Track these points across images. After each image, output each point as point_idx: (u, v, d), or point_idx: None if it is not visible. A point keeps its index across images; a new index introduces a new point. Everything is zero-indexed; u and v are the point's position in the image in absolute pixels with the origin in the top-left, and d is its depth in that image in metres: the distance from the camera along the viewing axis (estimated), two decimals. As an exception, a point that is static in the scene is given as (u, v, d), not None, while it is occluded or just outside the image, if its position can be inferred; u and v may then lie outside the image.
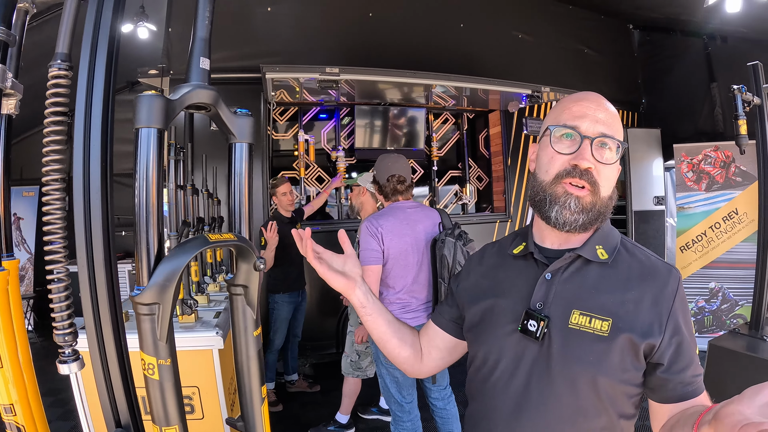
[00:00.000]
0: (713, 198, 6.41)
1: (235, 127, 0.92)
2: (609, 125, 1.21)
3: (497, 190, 7.06)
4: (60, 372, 0.92)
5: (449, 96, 6.05)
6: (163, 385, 0.83)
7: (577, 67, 7.32)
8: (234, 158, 0.95)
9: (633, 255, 1.27)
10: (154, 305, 0.79)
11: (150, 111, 0.77)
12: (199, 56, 0.90)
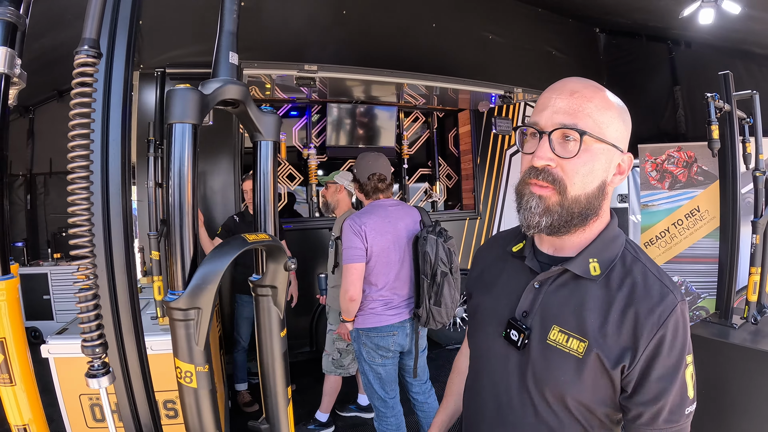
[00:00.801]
0: (676, 196, 6.61)
1: (262, 124, 0.92)
2: (571, 113, 1.09)
3: (466, 188, 7.16)
4: (89, 386, 0.90)
5: (420, 95, 6.10)
6: (200, 393, 0.83)
7: (544, 68, 7.42)
8: (260, 156, 0.94)
9: (630, 272, 1.15)
10: (192, 310, 0.78)
11: (185, 106, 0.75)
12: (227, 51, 0.89)
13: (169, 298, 0.78)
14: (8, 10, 0.83)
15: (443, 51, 6.42)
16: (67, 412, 2.75)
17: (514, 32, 7.16)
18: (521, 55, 7.19)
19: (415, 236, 3.20)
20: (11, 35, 0.85)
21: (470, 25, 6.79)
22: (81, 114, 0.82)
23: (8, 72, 0.83)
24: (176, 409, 2.76)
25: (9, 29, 0.84)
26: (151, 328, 2.96)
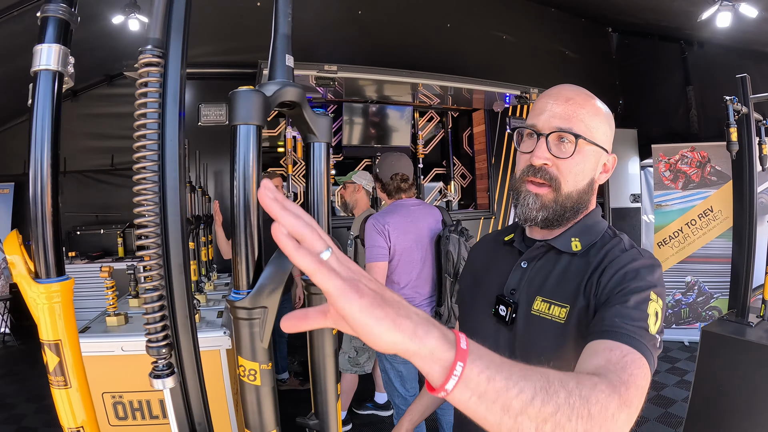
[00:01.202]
0: (689, 196, 6.60)
1: (316, 126, 0.92)
2: (567, 118, 1.21)
3: (481, 188, 7.16)
4: (153, 387, 0.90)
5: (434, 95, 6.11)
6: (264, 390, 0.83)
7: (557, 68, 7.43)
8: (314, 157, 0.95)
9: (608, 246, 1.23)
10: (259, 309, 0.78)
11: (248, 107, 0.76)
12: (284, 53, 0.89)
13: (234, 297, 0.79)
14: (60, 7, 0.83)
15: (457, 51, 6.43)
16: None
17: (527, 32, 7.18)
18: (534, 55, 7.19)
19: (437, 235, 3.22)
20: (64, 32, 0.85)
21: (484, 25, 6.81)
22: (146, 114, 0.82)
23: (62, 70, 0.83)
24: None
25: (62, 26, 0.84)
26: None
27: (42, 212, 0.79)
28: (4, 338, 7.05)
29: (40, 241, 0.79)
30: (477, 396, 0.63)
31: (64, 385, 0.83)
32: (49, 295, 0.80)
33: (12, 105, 7.34)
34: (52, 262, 0.80)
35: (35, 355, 6.53)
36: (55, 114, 0.80)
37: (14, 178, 7.87)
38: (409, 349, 0.62)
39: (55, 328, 0.81)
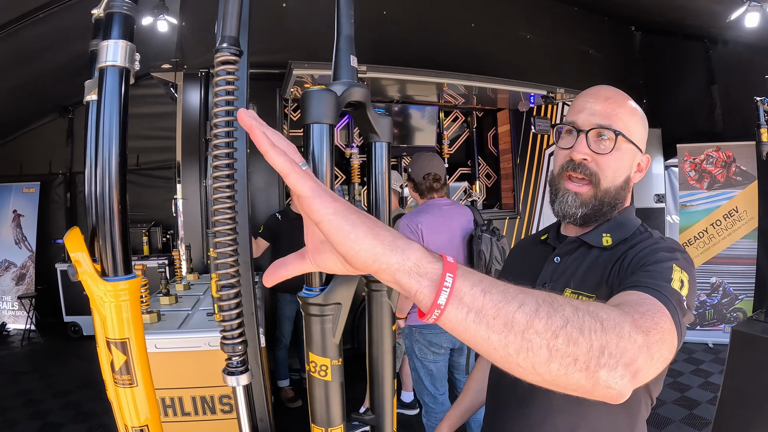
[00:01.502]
0: (714, 196, 6.55)
1: (378, 126, 0.92)
2: (606, 116, 1.25)
3: (506, 188, 7.11)
4: (226, 383, 0.90)
5: (459, 94, 6.08)
6: (333, 385, 0.83)
7: (581, 67, 7.36)
8: (375, 157, 0.95)
9: (636, 240, 1.25)
10: (332, 305, 0.78)
11: (321, 106, 0.76)
12: (348, 54, 0.90)
13: (307, 294, 0.79)
14: (125, 3, 0.83)
15: (482, 51, 6.40)
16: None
17: (551, 32, 7.12)
18: (558, 55, 7.13)
19: (469, 235, 3.23)
20: (129, 28, 0.85)
21: (508, 25, 6.78)
22: (225, 111, 0.82)
23: (129, 66, 0.83)
24: (231, 404, 2.78)
25: (127, 22, 0.84)
26: (206, 325, 2.99)
27: (110, 210, 0.78)
28: (29, 335, 7.15)
29: (107, 238, 0.79)
30: (474, 312, 0.59)
31: (130, 384, 0.82)
32: (116, 293, 0.79)
33: (36, 107, 7.46)
34: (119, 259, 0.80)
35: (60, 352, 6.64)
36: (122, 110, 0.79)
37: (40, 178, 8.02)
38: (390, 263, 0.58)
39: (122, 327, 0.81)
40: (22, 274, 7.86)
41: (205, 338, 2.75)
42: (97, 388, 5.10)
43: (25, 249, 7.91)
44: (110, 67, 0.81)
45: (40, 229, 8.02)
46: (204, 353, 2.75)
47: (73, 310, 7.29)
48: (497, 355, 0.60)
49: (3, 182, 8.06)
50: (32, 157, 8.08)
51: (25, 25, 5.18)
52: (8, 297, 7.82)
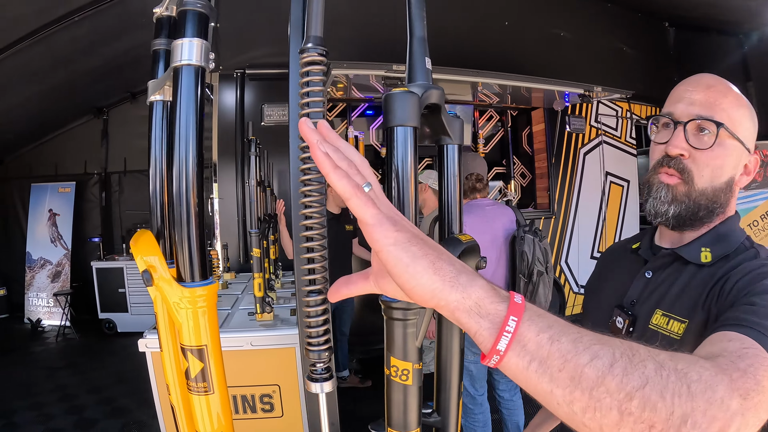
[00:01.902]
0: (752, 196, 6.40)
1: (451, 128, 0.91)
2: (707, 106, 1.10)
3: (541, 187, 7.04)
4: (309, 389, 0.87)
5: (493, 93, 6.02)
6: (413, 389, 0.81)
7: (616, 65, 7.27)
8: (447, 159, 0.94)
9: (740, 259, 1.10)
10: (416, 309, 0.76)
11: (405, 109, 0.74)
12: (422, 56, 0.87)
13: (389, 298, 0.75)
14: (200, 1, 0.81)
15: (516, 49, 6.36)
16: (161, 405, 2.79)
17: (584, 29, 7.04)
18: (593, 52, 7.05)
19: (512, 235, 3.18)
20: (204, 26, 0.82)
21: (541, 22, 6.70)
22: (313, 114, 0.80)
23: (204, 65, 0.81)
24: (272, 403, 2.82)
25: (201, 20, 0.82)
26: (248, 324, 3.01)
27: (187, 212, 0.75)
28: (64, 330, 7.26)
29: (184, 242, 0.76)
30: (538, 362, 0.52)
31: (206, 391, 0.81)
32: (193, 299, 0.77)
33: (72, 108, 7.61)
34: (197, 264, 0.78)
35: (94, 348, 6.74)
36: (199, 110, 0.78)
37: (75, 178, 8.17)
38: (449, 300, 0.54)
39: (200, 334, 0.79)
40: (58, 271, 8.01)
41: (248, 338, 2.77)
42: (131, 384, 5.18)
43: (61, 247, 8.06)
44: (185, 66, 0.79)
45: (76, 227, 8.18)
46: (246, 353, 2.77)
47: (107, 307, 7.42)
48: (561, 411, 0.54)
49: (39, 182, 8.24)
50: (68, 158, 8.25)
51: (60, 29, 5.25)
52: (44, 294, 7.97)
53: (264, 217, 3.71)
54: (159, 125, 1.02)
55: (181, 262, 0.77)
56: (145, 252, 0.84)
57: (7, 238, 8.54)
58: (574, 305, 6.89)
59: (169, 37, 1.05)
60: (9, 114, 6.86)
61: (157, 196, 1.02)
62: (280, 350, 2.77)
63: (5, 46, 5.17)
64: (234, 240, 5.26)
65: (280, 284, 4.35)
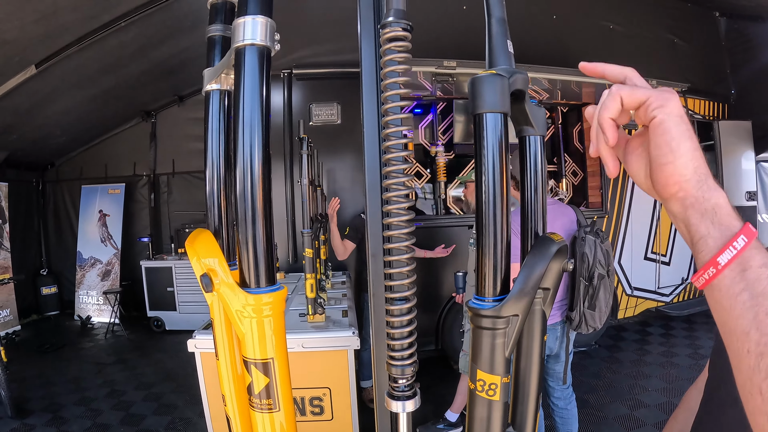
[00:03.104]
0: None
1: (535, 118, 0.82)
2: None
3: (593, 185, 6.79)
4: (389, 408, 0.80)
5: (542, 89, 5.85)
6: (498, 405, 0.73)
7: (667, 57, 7.06)
8: (530, 151, 0.85)
9: None
10: (506, 318, 0.68)
11: (495, 94, 0.68)
12: (503, 38, 0.80)
13: (479, 305, 0.71)
14: None
15: (564, 43, 6.21)
16: (209, 406, 2.78)
17: (633, 20, 6.85)
18: (643, 45, 6.86)
19: (572, 236, 3.03)
20: (268, 3, 0.74)
21: (589, 15, 6.55)
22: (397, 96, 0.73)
23: (269, 45, 0.72)
24: (322, 406, 2.77)
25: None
26: (300, 326, 2.96)
27: (252, 210, 0.68)
28: (113, 327, 7.41)
29: (249, 243, 0.69)
30: (750, 293, 0.46)
31: (270, 409, 0.73)
32: (258, 307, 0.70)
33: (121, 111, 7.79)
34: (263, 268, 0.70)
35: (142, 345, 6.86)
36: (265, 97, 0.70)
37: (125, 179, 8.39)
38: (691, 193, 0.53)
39: (265, 346, 0.72)
40: (108, 270, 8.20)
41: (299, 340, 2.73)
42: (178, 381, 5.27)
43: (111, 247, 8.25)
44: (249, 46, 0.70)
45: (125, 228, 8.38)
46: (297, 355, 2.73)
47: (156, 305, 7.58)
48: (746, 362, 0.47)
49: (90, 183, 8.49)
50: (117, 160, 8.47)
51: (108, 34, 5.36)
52: (94, 292, 8.19)
53: (316, 217, 3.67)
54: (216, 117, 0.94)
55: (246, 265, 0.70)
56: (203, 253, 0.77)
57: (59, 238, 8.82)
58: (627, 308, 6.67)
59: (225, 23, 0.98)
60: (60, 118, 7.07)
61: (214, 193, 0.95)
62: (332, 352, 2.72)
63: (55, 52, 5.29)
64: (283, 240, 5.26)
65: (331, 284, 4.31)
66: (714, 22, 7.76)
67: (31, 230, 8.49)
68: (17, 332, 7.40)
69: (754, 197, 7.37)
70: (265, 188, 0.69)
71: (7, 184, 7.61)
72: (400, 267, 0.74)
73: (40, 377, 5.62)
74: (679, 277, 7.06)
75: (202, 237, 0.81)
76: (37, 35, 4.97)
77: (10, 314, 7.39)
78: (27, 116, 6.60)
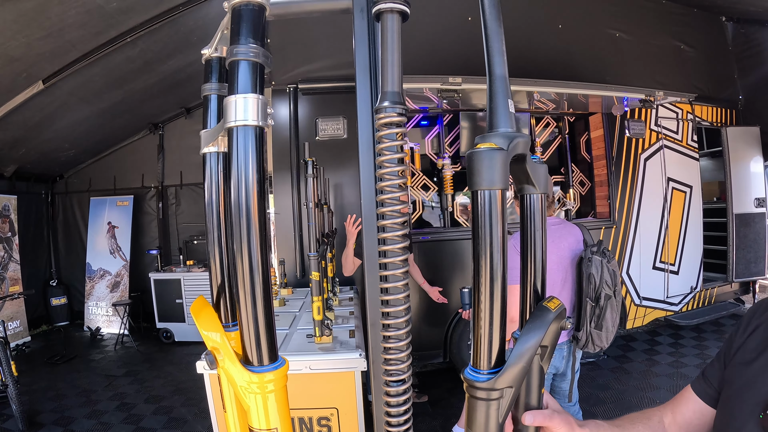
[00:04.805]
0: None
1: (536, 176, 0.81)
2: None
3: (600, 195, 6.79)
4: None
5: (549, 100, 5.83)
6: None
7: (674, 64, 7.02)
8: (530, 210, 0.84)
9: None
10: (505, 389, 0.70)
11: (492, 169, 0.68)
12: (505, 98, 0.78)
13: (474, 377, 0.73)
14: (252, 49, 0.72)
15: (571, 52, 6.21)
16: (217, 420, 2.79)
17: (639, 27, 6.83)
18: (650, 52, 6.83)
19: (579, 257, 3.02)
20: (260, 78, 0.73)
21: (595, 23, 6.52)
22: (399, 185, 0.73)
23: (262, 124, 0.71)
24: (330, 426, 2.78)
25: (257, 71, 0.73)
26: (307, 347, 2.97)
27: (252, 291, 0.68)
28: (122, 339, 7.46)
29: (250, 327, 0.69)
30: None
31: (274, 479, 0.74)
32: (262, 384, 0.71)
33: (129, 124, 7.88)
34: (264, 348, 0.71)
35: (152, 357, 6.89)
36: (260, 175, 0.70)
37: (133, 191, 8.47)
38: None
39: (268, 418, 0.73)
40: (117, 282, 8.25)
41: (306, 361, 2.74)
42: (188, 395, 5.28)
43: (120, 258, 8.31)
44: (241, 126, 0.70)
45: (134, 239, 8.45)
46: (304, 376, 2.73)
47: (165, 317, 7.64)
48: None
49: (99, 195, 8.57)
50: (125, 172, 8.57)
51: (114, 50, 5.43)
52: (103, 303, 8.25)
53: (322, 239, 3.66)
54: (215, 179, 0.94)
55: (248, 345, 0.71)
56: (206, 326, 0.78)
57: (69, 250, 8.89)
58: (635, 317, 6.63)
59: (220, 81, 0.98)
60: (69, 131, 7.15)
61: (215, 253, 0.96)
62: (340, 374, 2.72)
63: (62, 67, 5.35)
64: (291, 255, 5.29)
65: (338, 301, 4.30)
66: (721, 27, 7.71)
67: (40, 241, 8.56)
68: (27, 344, 7.48)
69: (762, 204, 7.33)
70: (264, 267, 0.69)
71: (17, 197, 7.69)
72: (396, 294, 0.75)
73: (50, 390, 5.65)
74: (688, 286, 7.01)
75: (202, 308, 0.82)
76: (43, 52, 5.03)
77: (20, 325, 7.47)
78: (36, 130, 6.69)
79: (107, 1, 4.63)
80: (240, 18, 0.74)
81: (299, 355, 2.80)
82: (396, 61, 0.73)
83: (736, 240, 7.22)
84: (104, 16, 4.86)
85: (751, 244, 7.30)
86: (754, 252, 7.33)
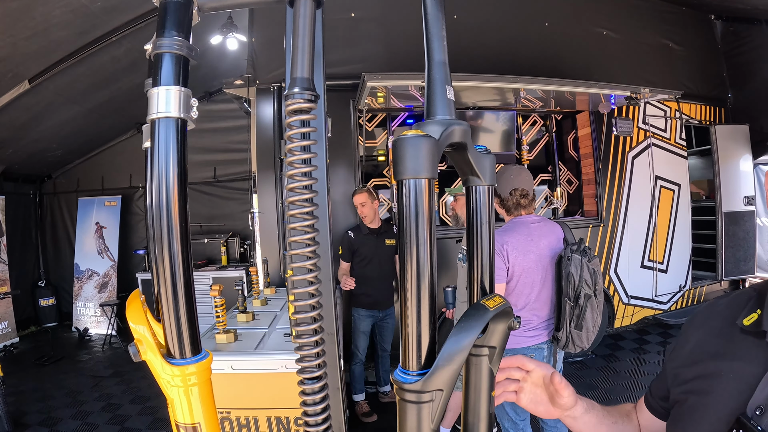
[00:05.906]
0: None
1: (480, 167, 0.79)
2: None
3: (588, 194, 6.74)
4: None
5: (536, 98, 5.80)
6: None
7: (662, 62, 7.01)
8: (476, 202, 0.82)
9: None
10: (431, 392, 0.67)
11: (419, 158, 0.65)
12: (443, 85, 0.76)
13: (403, 378, 0.70)
14: (176, 41, 0.71)
15: (558, 50, 6.18)
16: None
17: (627, 25, 6.81)
18: (638, 50, 6.82)
19: (558, 256, 2.97)
20: (183, 71, 0.71)
21: (582, 21, 6.50)
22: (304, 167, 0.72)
23: (184, 116, 0.69)
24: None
25: (180, 64, 0.71)
26: (283, 346, 2.93)
27: (173, 284, 0.67)
28: (110, 339, 7.44)
29: (171, 316, 0.68)
30: None
31: (201, 473, 0.72)
32: (184, 377, 0.69)
33: (116, 124, 7.88)
34: (186, 339, 0.69)
35: (139, 357, 6.87)
36: (181, 168, 0.68)
37: (121, 191, 8.47)
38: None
39: (192, 412, 0.71)
40: (105, 282, 8.23)
41: (282, 360, 2.72)
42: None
43: (108, 259, 8.28)
44: (163, 118, 0.68)
45: (122, 240, 8.44)
46: (280, 375, 2.71)
47: (155, 319, 7.56)
48: None
49: (86, 196, 8.55)
50: (113, 172, 8.56)
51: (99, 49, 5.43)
52: (91, 304, 8.23)
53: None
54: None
55: (169, 336, 0.69)
56: (134, 319, 0.76)
57: (57, 250, 8.87)
58: (624, 316, 6.62)
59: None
60: (56, 131, 7.13)
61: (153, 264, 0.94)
62: (316, 373, 2.69)
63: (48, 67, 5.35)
64: (275, 254, 5.26)
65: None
66: (709, 26, 7.72)
67: (29, 242, 8.53)
68: (15, 344, 7.45)
69: (752, 201, 7.34)
70: (184, 262, 0.67)
71: (4, 197, 7.66)
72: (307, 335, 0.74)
73: (37, 391, 5.65)
74: (677, 284, 7.00)
75: (132, 301, 0.81)
76: (29, 51, 5.02)
77: (9, 326, 7.43)
78: (22, 130, 6.67)
79: (92, 1, 4.62)
80: (166, 11, 0.73)
81: (275, 354, 2.79)
82: (307, 47, 0.71)
83: (725, 238, 7.23)
84: (89, 15, 4.85)
85: (740, 243, 7.31)
86: (744, 250, 7.34)
